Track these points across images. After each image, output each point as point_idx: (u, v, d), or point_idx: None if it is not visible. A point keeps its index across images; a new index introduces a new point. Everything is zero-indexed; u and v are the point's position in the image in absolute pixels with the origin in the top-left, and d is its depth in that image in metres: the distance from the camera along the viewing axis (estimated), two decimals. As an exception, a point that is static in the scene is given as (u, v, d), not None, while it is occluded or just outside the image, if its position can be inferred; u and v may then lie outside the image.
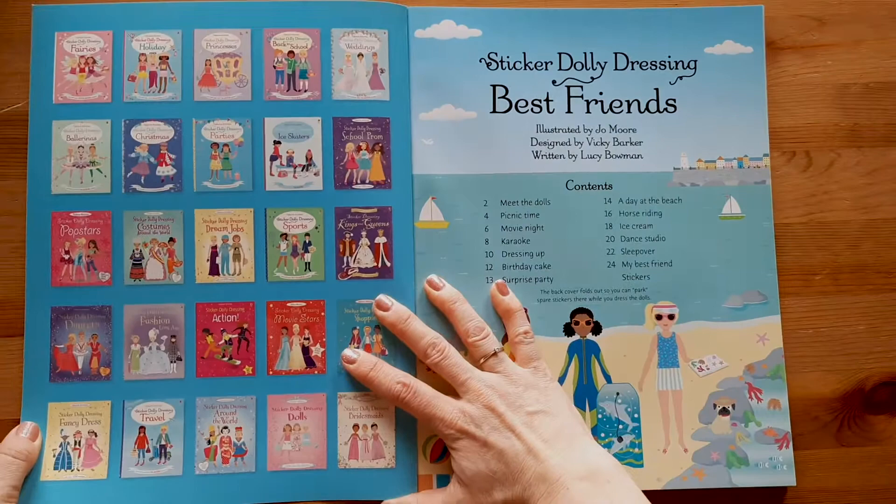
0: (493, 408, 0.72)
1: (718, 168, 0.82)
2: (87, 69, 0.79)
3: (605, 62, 0.83)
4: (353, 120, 0.80)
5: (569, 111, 0.83)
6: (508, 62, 0.83)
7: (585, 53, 0.83)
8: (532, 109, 0.83)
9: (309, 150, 0.79)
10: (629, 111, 0.83)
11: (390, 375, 0.75)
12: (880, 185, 0.82)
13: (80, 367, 0.77)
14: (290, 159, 0.79)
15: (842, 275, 0.82)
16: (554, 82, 0.83)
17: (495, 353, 0.75)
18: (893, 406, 0.80)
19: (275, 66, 0.80)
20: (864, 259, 0.82)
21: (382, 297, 0.78)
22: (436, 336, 0.76)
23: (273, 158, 0.79)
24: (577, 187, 0.82)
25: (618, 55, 0.83)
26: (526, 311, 0.80)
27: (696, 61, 0.83)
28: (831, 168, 0.82)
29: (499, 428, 0.71)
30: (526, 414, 0.72)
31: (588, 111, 0.83)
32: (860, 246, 0.82)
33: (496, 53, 0.83)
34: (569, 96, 0.83)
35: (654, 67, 0.83)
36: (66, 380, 0.76)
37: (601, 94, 0.83)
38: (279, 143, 0.79)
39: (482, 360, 0.75)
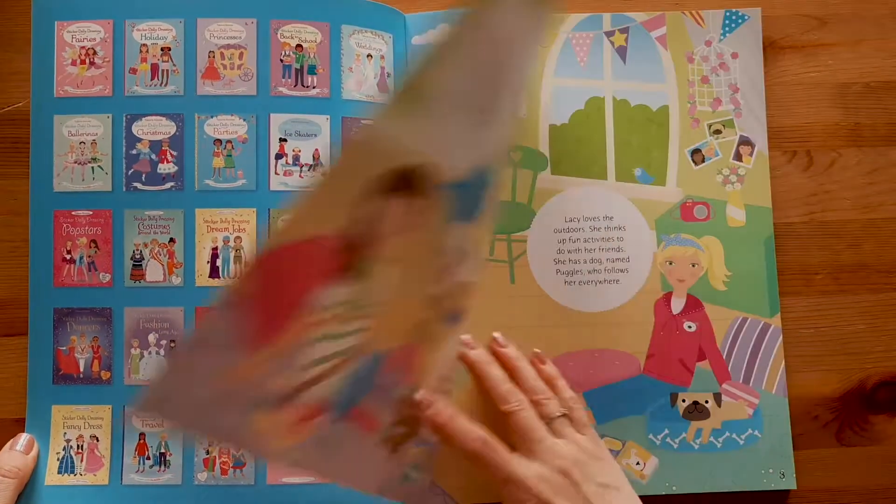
0: (568, 474, 0.67)
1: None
2: (87, 61, 0.77)
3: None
4: (363, 121, 0.78)
5: None
6: None
7: None
8: None
9: (316, 150, 0.77)
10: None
11: (467, 429, 0.68)
12: (881, 184, 0.82)
13: (81, 369, 0.76)
14: (296, 158, 0.77)
15: (842, 274, 0.82)
16: None
17: (563, 415, 0.71)
18: (894, 406, 0.80)
19: (282, 60, 0.78)
20: (865, 259, 0.82)
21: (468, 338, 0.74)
22: (515, 387, 0.71)
23: (278, 157, 0.77)
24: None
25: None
26: None
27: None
28: (832, 167, 0.82)
29: (574, 499, 0.66)
30: (597, 485, 0.67)
31: None
32: (861, 245, 0.82)
33: None
34: None
35: None
36: (69, 382, 0.76)
37: None
38: (285, 140, 0.77)
39: (546, 423, 0.70)
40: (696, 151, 0.81)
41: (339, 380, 0.61)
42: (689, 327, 0.79)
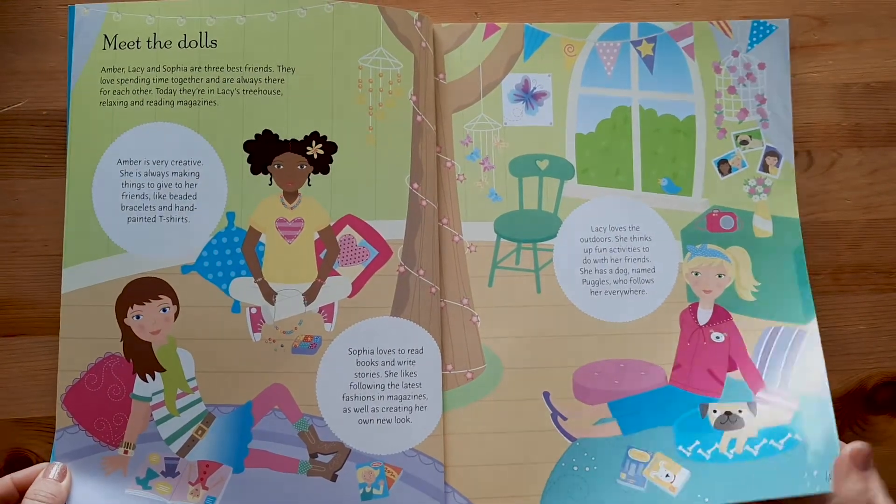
0: None
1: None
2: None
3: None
4: None
5: None
6: None
7: None
8: None
9: None
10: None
11: None
12: (881, 184, 0.82)
13: None
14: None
15: (843, 274, 0.82)
16: None
17: None
18: (894, 406, 0.80)
19: None
20: (866, 259, 0.82)
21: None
22: None
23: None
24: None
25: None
26: None
27: None
28: (832, 168, 0.82)
29: None
30: None
31: None
32: (861, 246, 0.82)
33: None
34: None
35: None
36: None
37: None
38: None
39: None
40: (722, 162, 0.81)
41: (209, 440, 0.73)
42: (718, 338, 0.78)
